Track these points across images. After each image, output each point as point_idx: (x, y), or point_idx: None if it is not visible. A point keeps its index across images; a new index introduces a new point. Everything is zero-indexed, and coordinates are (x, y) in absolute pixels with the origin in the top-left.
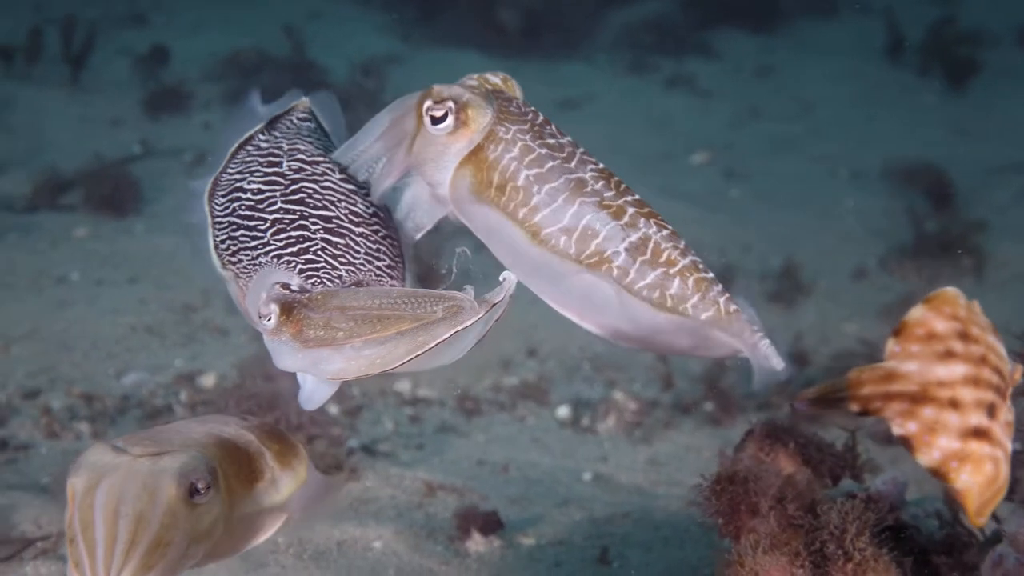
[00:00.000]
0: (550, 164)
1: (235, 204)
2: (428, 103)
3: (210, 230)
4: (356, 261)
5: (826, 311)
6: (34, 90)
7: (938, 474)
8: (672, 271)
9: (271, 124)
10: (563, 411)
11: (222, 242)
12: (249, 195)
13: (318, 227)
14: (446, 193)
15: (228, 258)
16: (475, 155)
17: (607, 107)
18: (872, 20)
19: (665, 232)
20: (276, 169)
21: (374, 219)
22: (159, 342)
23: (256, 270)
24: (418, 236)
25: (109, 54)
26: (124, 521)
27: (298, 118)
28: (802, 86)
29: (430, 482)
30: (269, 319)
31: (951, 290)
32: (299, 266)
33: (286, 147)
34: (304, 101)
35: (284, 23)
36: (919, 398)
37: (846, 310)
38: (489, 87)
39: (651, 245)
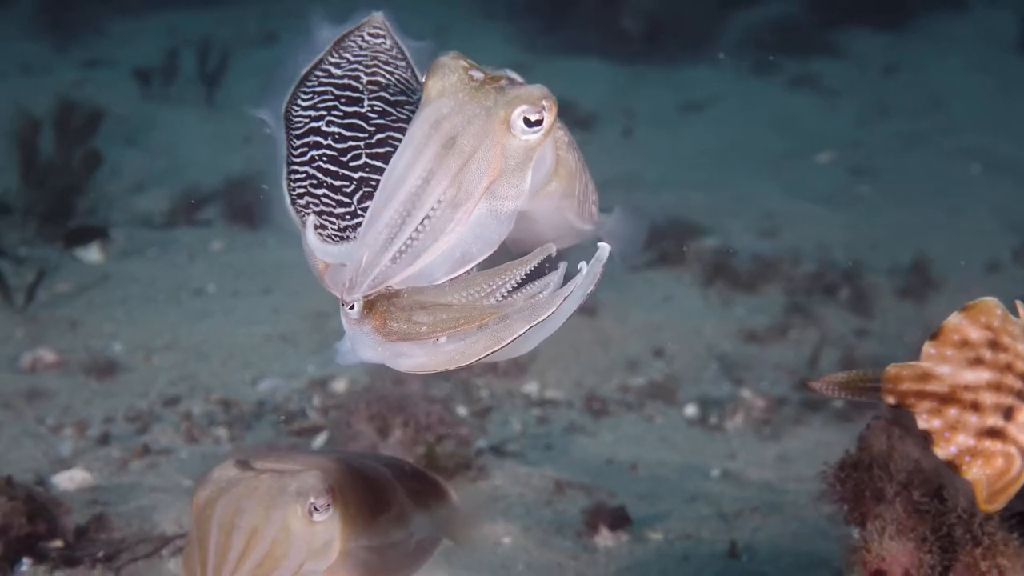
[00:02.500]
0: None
1: (314, 152)
2: (523, 107)
3: (284, 179)
4: None
5: (958, 305)
6: (171, 110)
7: (952, 466)
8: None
9: (341, 44)
10: (691, 410)
11: (300, 196)
12: (330, 141)
13: None
14: (520, 205)
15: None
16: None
17: (730, 109)
18: (1002, 12)
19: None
20: (356, 109)
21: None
22: (292, 350)
23: (341, 243)
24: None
25: (242, 73)
26: (238, 533)
27: (369, 34)
28: (932, 81)
29: (558, 480)
30: (352, 308)
31: (990, 300)
32: None
33: (364, 79)
34: (377, 16)
35: (413, 36)
36: (947, 399)
37: None
38: (483, 71)
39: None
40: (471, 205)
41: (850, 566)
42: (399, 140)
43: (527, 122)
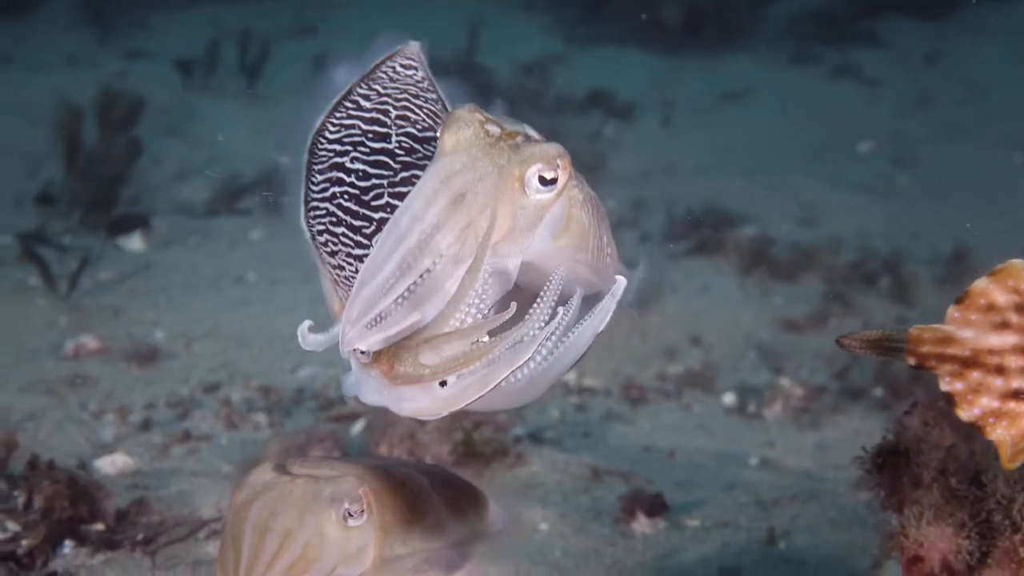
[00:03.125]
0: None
1: (336, 188)
2: (538, 165)
3: (302, 213)
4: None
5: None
6: (212, 100)
7: (975, 427)
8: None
9: (372, 75)
10: (729, 398)
11: (319, 233)
12: (353, 179)
13: None
14: (524, 260)
15: (328, 258)
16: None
17: (770, 99)
18: None
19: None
20: (383, 145)
21: None
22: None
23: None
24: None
25: (281, 63)
26: (271, 536)
27: (402, 65)
28: (974, 71)
29: (596, 467)
30: (364, 354)
31: (1018, 263)
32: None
33: (393, 114)
34: (411, 46)
35: (451, 28)
36: (970, 362)
37: None
38: (500, 126)
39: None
40: (476, 264)
41: (887, 552)
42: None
43: (542, 180)
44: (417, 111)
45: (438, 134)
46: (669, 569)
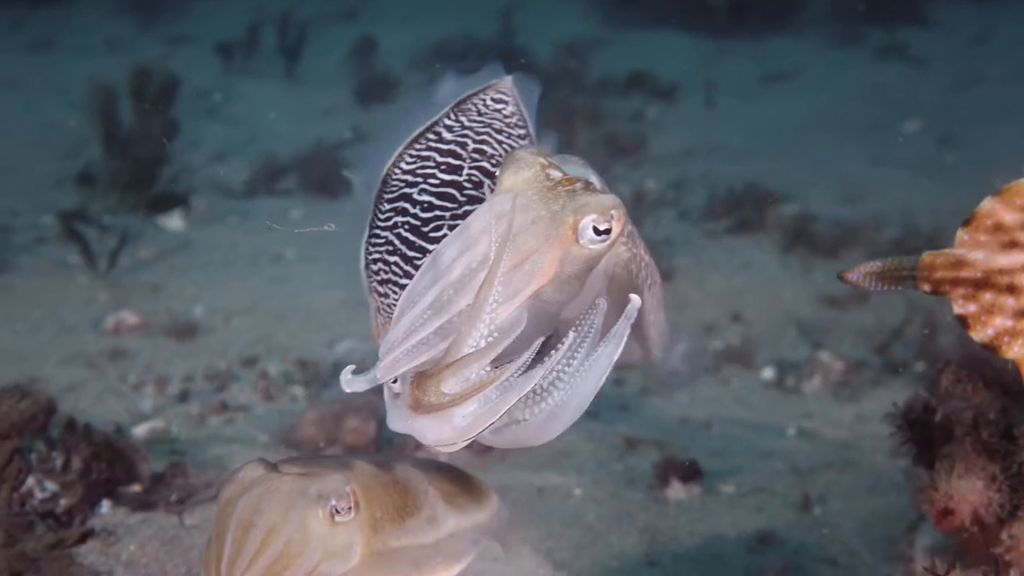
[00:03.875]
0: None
1: (399, 218)
2: (592, 216)
3: (364, 242)
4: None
5: None
6: (252, 83)
7: (989, 348)
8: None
9: (461, 106)
10: (768, 373)
11: (374, 262)
12: (418, 210)
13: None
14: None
15: (376, 285)
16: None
17: (815, 79)
18: None
19: None
20: (454, 178)
21: None
22: (368, 314)
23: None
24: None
25: (321, 48)
26: (255, 531)
27: (492, 99)
28: (1022, 51)
29: (631, 437)
30: (394, 382)
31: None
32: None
33: (471, 147)
34: (505, 81)
35: (489, 11)
36: (981, 284)
37: None
38: (562, 170)
39: None
40: (512, 305)
41: (918, 506)
42: None
43: (595, 231)
44: (496, 145)
45: (497, 173)
46: (702, 533)
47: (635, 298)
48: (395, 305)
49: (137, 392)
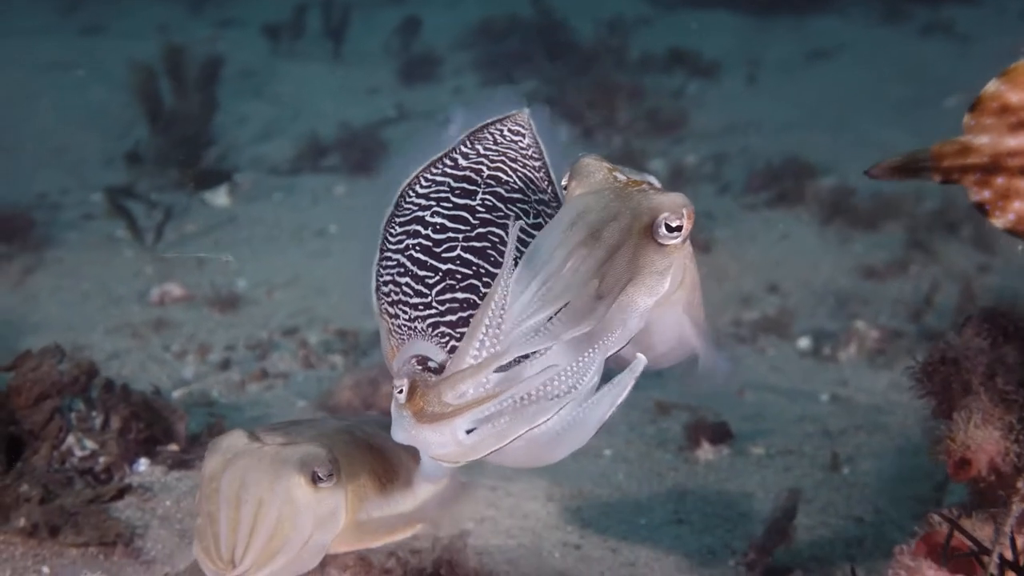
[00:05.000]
0: None
1: (410, 240)
2: (667, 213)
3: (375, 265)
4: None
5: None
6: (298, 64)
7: (1015, 233)
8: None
9: (477, 134)
10: (804, 342)
11: (384, 283)
12: (429, 232)
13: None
14: (646, 309)
15: (386, 307)
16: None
17: (859, 56)
18: None
19: None
20: (467, 202)
21: None
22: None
23: (408, 335)
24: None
25: (366, 29)
26: (246, 507)
27: (509, 130)
28: None
29: (663, 402)
30: (400, 392)
31: None
32: (452, 343)
33: (486, 173)
34: (522, 113)
35: None
36: (992, 168)
37: None
38: (625, 174)
39: None
40: (611, 300)
41: (935, 457)
42: (499, 237)
43: (668, 228)
44: (510, 173)
45: (563, 182)
46: (731, 492)
47: (640, 358)
48: (406, 326)
49: (180, 360)
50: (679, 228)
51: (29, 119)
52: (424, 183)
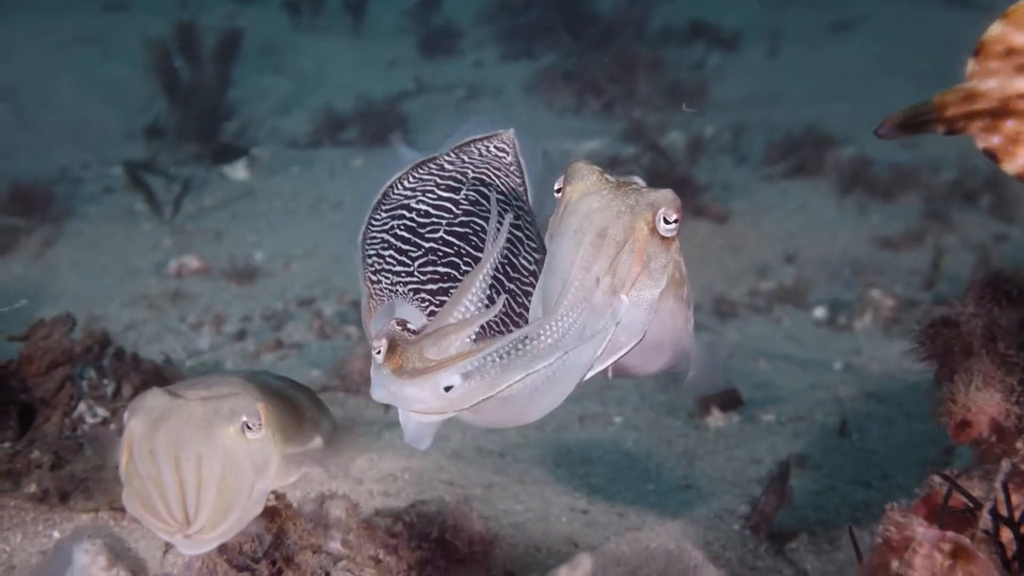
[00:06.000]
0: None
1: (396, 222)
2: (664, 208)
3: (360, 240)
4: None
5: None
6: (318, 39)
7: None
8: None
9: (462, 147)
10: (819, 312)
11: (368, 257)
12: (414, 215)
13: (469, 270)
14: (654, 300)
15: (369, 274)
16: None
17: (882, 28)
18: None
19: None
20: (452, 195)
21: (530, 279)
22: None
23: (389, 298)
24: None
25: (386, 3)
26: (188, 464)
27: (495, 147)
28: None
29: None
30: (379, 352)
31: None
32: (432, 307)
33: (471, 175)
34: (507, 132)
35: None
36: (1000, 113)
37: None
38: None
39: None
40: (625, 293)
41: (937, 419)
42: (481, 225)
43: (665, 220)
44: (494, 178)
45: (556, 186)
46: (739, 458)
47: (615, 317)
48: (388, 290)
49: (195, 331)
50: (676, 221)
51: (51, 94)
52: (411, 180)
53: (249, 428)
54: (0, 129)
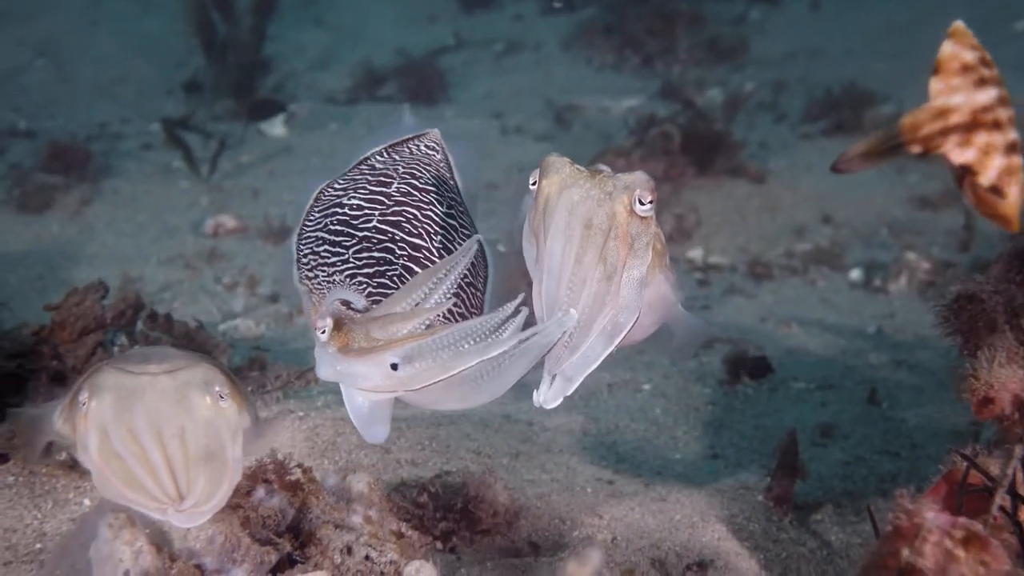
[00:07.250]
0: None
1: (329, 219)
2: (639, 190)
3: (294, 240)
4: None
5: None
6: None
7: (996, 191)
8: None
9: (394, 146)
10: (855, 274)
11: (304, 256)
12: (347, 210)
13: (404, 254)
14: (643, 277)
15: (305, 272)
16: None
17: None
18: None
19: None
20: (383, 189)
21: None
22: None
23: (328, 289)
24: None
25: None
26: (173, 441)
27: (425, 146)
28: None
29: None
30: (323, 332)
31: (958, 23)
32: (369, 289)
33: (401, 170)
34: (434, 131)
35: None
36: (972, 126)
37: None
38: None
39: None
40: (619, 277)
41: (960, 396)
42: (414, 214)
43: (641, 201)
44: (424, 171)
45: (531, 180)
46: (767, 426)
47: (572, 313)
48: (326, 282)
49: (230, 292)
50: (651, 202)
51: (90, 48)
52: (342, 181)
53: (221, 398)
54: (39, 84)
